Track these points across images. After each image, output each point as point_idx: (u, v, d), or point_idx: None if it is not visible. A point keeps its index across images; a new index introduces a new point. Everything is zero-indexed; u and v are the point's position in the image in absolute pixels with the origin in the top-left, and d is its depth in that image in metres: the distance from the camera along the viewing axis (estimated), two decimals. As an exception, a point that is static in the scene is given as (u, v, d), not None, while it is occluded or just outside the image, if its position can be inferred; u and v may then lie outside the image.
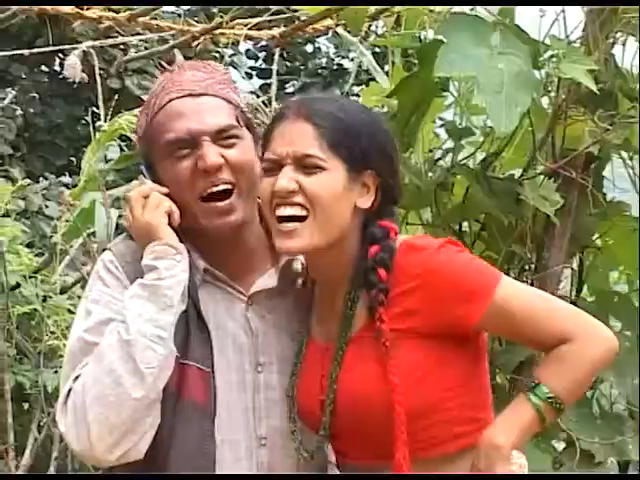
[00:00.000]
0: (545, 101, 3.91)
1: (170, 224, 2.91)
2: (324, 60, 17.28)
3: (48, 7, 5.46)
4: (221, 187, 2.91)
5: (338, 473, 2.93)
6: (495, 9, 3.99)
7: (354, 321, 2.83)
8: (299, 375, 2.94)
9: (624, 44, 3.90)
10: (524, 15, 3.90)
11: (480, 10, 4.01)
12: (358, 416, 2.79)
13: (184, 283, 2.85)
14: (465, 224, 4.07)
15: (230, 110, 2.98)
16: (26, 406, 6.59)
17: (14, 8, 5.45)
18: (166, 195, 2.94)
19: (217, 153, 2.91)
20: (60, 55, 13.39)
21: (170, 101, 2.96)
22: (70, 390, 2.81)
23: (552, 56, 3.68)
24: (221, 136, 2.93)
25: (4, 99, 7.53)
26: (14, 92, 9.79)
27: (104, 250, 3.05)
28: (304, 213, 2.77)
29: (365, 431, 2.79)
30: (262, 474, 2.93)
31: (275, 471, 2.96)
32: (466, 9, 4.08)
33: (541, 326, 2.77)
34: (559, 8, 3.82)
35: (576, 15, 3.87)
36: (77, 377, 2.81)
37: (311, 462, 2.93)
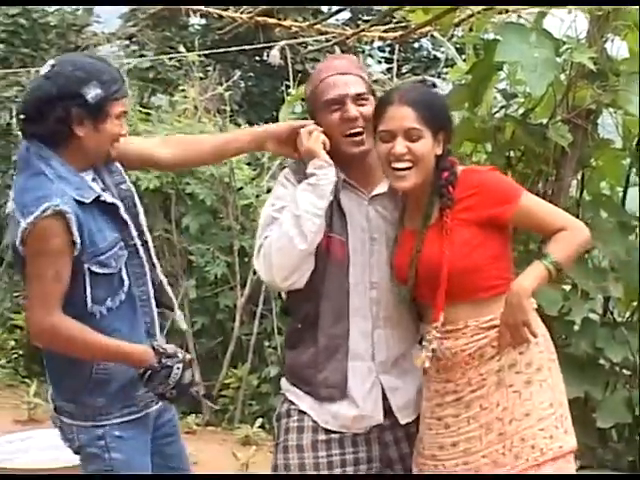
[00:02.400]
0: (562, 77, 3.80)
1: (324, 149, 2.96)
2: (425, 52, 17.01)
3: (260, 19, 5.46)
4: (357, 130, 2.95)
5: None
6: (531, 18, 3.94)
7: (431, 217, 2.88)
8: (396, 249, 2.97)
9: (612, 41, 3.82)
10: (550, 22, 3.82)
11: (522, 20, 3.99)
12: (430, 272, 2.84)
13: (332, 184, 2.90)
14: (512, 152, 4.01)
15: (363, 83, 3.00)
16: (246, 259, 6.71)
17: (239, 21, 5.42)
18: (322, 132, 2.98)
19: (355, 109, 2.94)
20: (267, 49, 13.37)
21: (327, 77, 2.98)
22: (261, 245, 2.89)
23: (567, 48, 3.62)
24: (357, 99, 2.95)
25: (234, 76, 7.58)
26: (239, 72, 9.85)
27: (284, 167, 3.13)
28: (410, 165, 2.82)
29: (433, 282, 2.83)
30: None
31: (381, 303, 2.99)
32: (514, 19, 4.06)
33: (549, 221, 2.83)
34: (573, 16, 3.76)
35: (583, 22, 3.79)
36: (266, 237, 2.89)
37: (402, 299, 2.97)
